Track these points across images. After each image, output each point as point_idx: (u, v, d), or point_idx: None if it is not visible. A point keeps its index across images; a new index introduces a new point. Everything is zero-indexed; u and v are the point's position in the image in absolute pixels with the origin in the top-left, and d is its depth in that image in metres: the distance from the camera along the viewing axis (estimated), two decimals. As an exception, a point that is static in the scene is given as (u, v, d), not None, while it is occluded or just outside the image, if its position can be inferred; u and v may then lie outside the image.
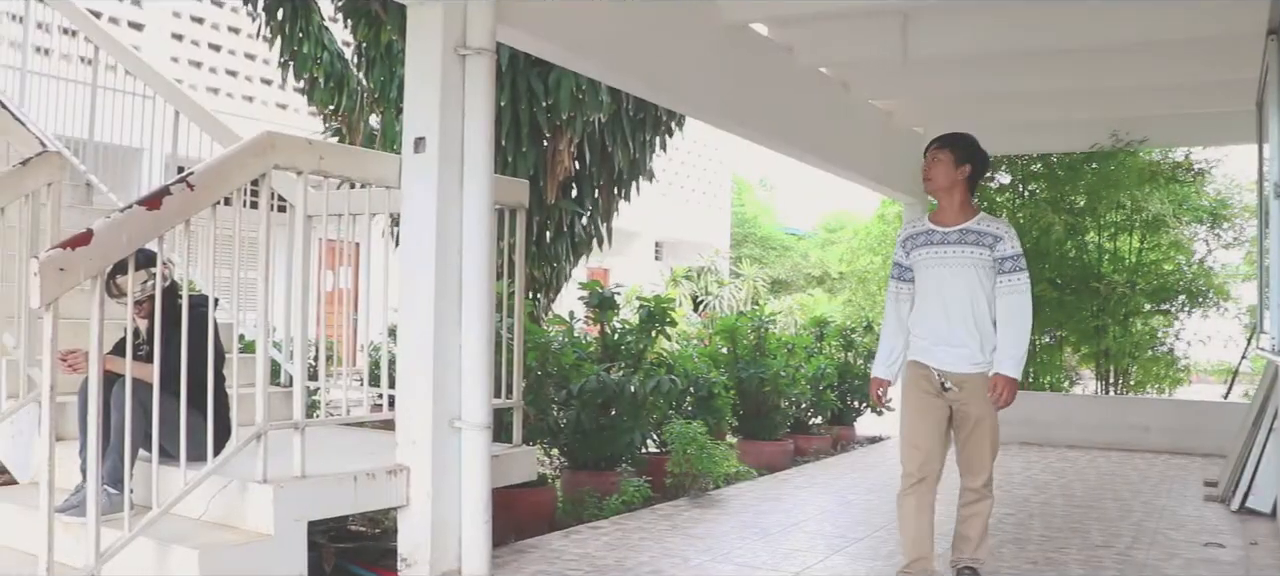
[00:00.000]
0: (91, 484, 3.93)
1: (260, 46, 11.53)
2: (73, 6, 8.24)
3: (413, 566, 4.91)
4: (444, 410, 4.90)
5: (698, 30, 6.92)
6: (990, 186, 12.44)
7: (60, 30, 8.37)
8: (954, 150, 4.86)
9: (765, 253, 32.07)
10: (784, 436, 9.63)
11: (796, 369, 9.78)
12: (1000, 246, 4.71)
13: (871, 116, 10.02)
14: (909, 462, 4.84)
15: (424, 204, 4.88)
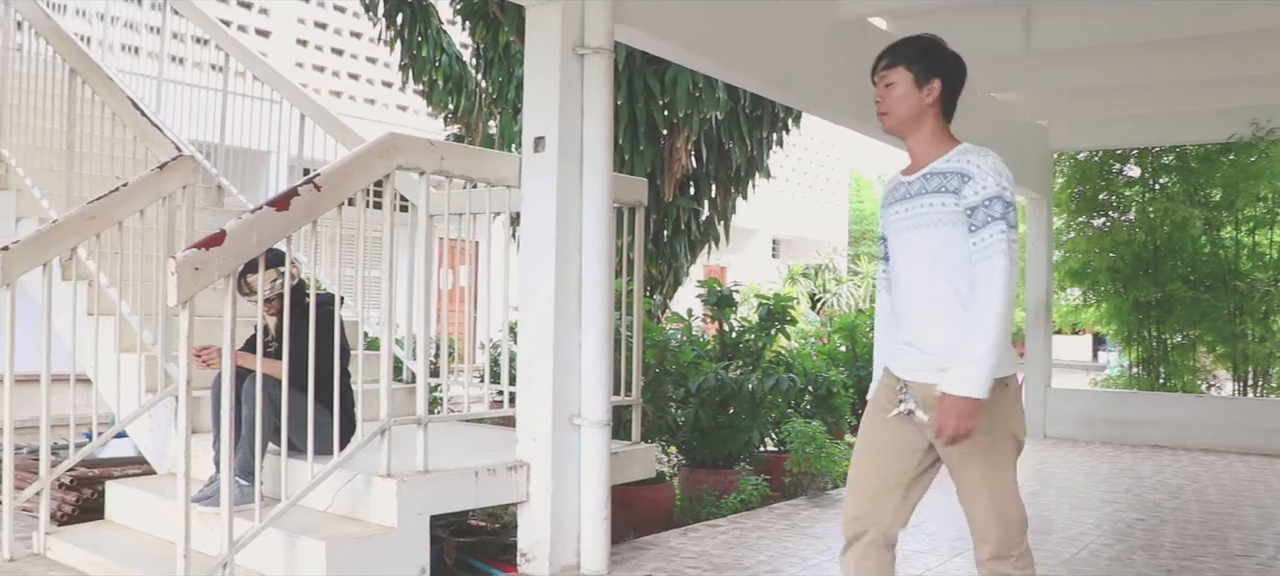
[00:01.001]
0: (224, 476, 4.04)
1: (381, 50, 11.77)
2: (205, 16, 8.53)
3: (532, 561, 4.96)
4: (564, 407, 4.94)
5: (815, 25, 6.85)
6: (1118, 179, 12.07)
7: (193, 39, 8.67)
8: (912, 65, 3.35)
9: (883, 250, 31.61)
10: (904, 436, 9.45)
11: (916, 367, 9.60)
12: (968, 188, 3.11)
13: (992, 110, 9.80)
14: (844, 511, 3.44)
15: (544, 203, 4.92)
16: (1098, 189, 12.05)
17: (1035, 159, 10.98)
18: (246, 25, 13.99)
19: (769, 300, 7.82)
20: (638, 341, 5.93)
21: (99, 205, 5.27)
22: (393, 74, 11.53)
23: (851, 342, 9.58)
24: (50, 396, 4.97)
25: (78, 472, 5.81)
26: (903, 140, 3.39)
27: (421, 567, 4.53)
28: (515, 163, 5.15)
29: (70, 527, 5.38)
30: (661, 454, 7.07)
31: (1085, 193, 12.08)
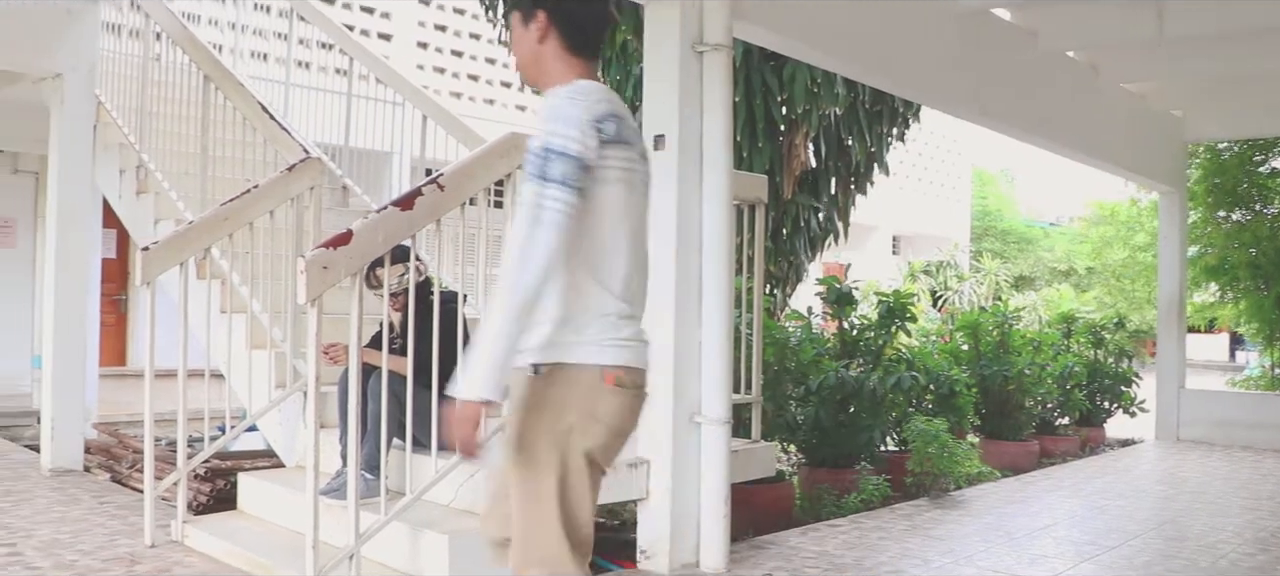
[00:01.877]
0: (351, 469, 4.13)
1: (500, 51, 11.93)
2: (330, 22, 8.74)
3: (652, 559, 4.97)
4: (684, 405, 4.93)
5: (936, 18, 6.73)
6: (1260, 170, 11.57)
7: (318, 45, 8.89)
8: (519, 5, 2.78)
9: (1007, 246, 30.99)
10: (1029, 437, 9.25)
11: (1042, 367, 9.37)
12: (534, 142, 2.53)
13: (1123, 100, 9.51)
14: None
15: (664, 200, 4.92)
16: (1237, 181, 11.58)
17: (1169, 151, 10.60)
18: (369, 29, 14.29)
19: (889, 297, 7.71)
20: (758, 339, 5.90)
21: (231, 207, 5.43)
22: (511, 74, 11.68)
23: (975, 341, 9.38)
24: (186, 391, 5.15)
25: (212, 464, 6.01)
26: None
27: (541, 561, 4.56)
28: (635, 161, 5.15)
29: (205, 517, 5.57)
30: (781, 452, 7.02)
31: (1223, 185, 11.61)
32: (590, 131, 2.49)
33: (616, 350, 2.57)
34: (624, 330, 2.60)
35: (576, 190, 2.45)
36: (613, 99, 2.62)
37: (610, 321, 2.57)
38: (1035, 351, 9.54)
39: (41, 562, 4.85)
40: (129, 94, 7.53)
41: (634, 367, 2.62)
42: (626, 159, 2.60)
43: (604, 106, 2.56)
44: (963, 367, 8.81)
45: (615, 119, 2.57)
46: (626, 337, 2.60)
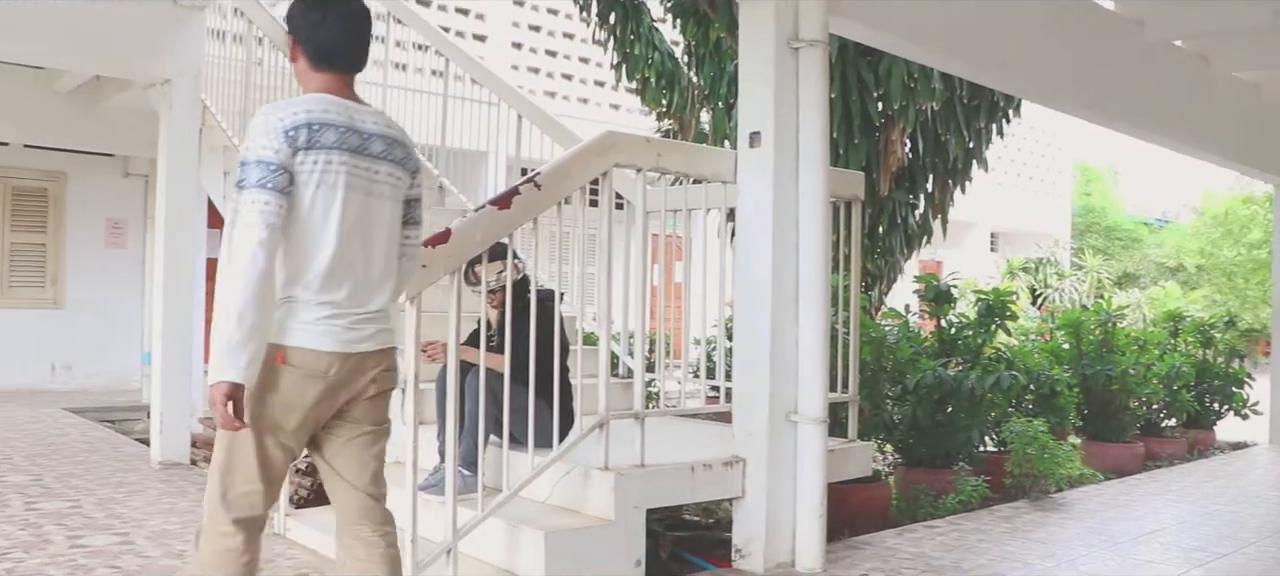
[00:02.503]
0: (449, 466, 4.17)
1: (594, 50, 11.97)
2: (426, 24, 8.85)
3: (746, 558, 4.95)
4: (780, 403, 4.90)
5: (1036, 9, 6.59)
6: None
7: (414, 46, 9.01)
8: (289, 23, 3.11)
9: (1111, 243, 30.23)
10: (1133, 438, 9.02)
11: (1148, 367, 9.13)
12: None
13: (1235, 90, 9.21)
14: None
15: (760, 198, 4.90)
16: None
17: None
18: (464, 31, 14.44)
19: (988, 295, 7.58)
20: (854, 337, 5.84)
21: (333, 206, 5.52)
22: (605, 73, 11.72)
23: (1076, 339, 9.18)
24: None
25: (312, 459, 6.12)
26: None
27: (637, 560, 4.57)
28: (731, 158, 5.14)
29: (306, 510, 5.67)
30: (877, 452, 6.94)
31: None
32: (280, 138, 2.82)
33: (293, 332, 2.91)
34: (306, 315, 2.92)
35: (273, 189, 2.79)
36: (314, 109, 2.91)
37: (296, 306, 2.92)
38: (1140, 350, 9.30)
39: (152, 551, 5.00)
40: (233, 97, 7.72)
41: (308, 349, 2.92)
42: (327, 162, 2.89)
43: (300, 116, 2.87)
44: (1064, 367, 8.63)
45: (309, 128, 2.86)
46: (307, 322, 2.92)
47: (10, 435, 8.57)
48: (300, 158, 2.86)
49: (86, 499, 6.14)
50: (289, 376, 2.92)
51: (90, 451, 7.89)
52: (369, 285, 3.05)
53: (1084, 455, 8.09)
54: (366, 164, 3.00)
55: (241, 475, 2.93)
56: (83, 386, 12.51)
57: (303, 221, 2.89)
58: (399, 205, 3.15)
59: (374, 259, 3.06)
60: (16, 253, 12.48)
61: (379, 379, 3.12)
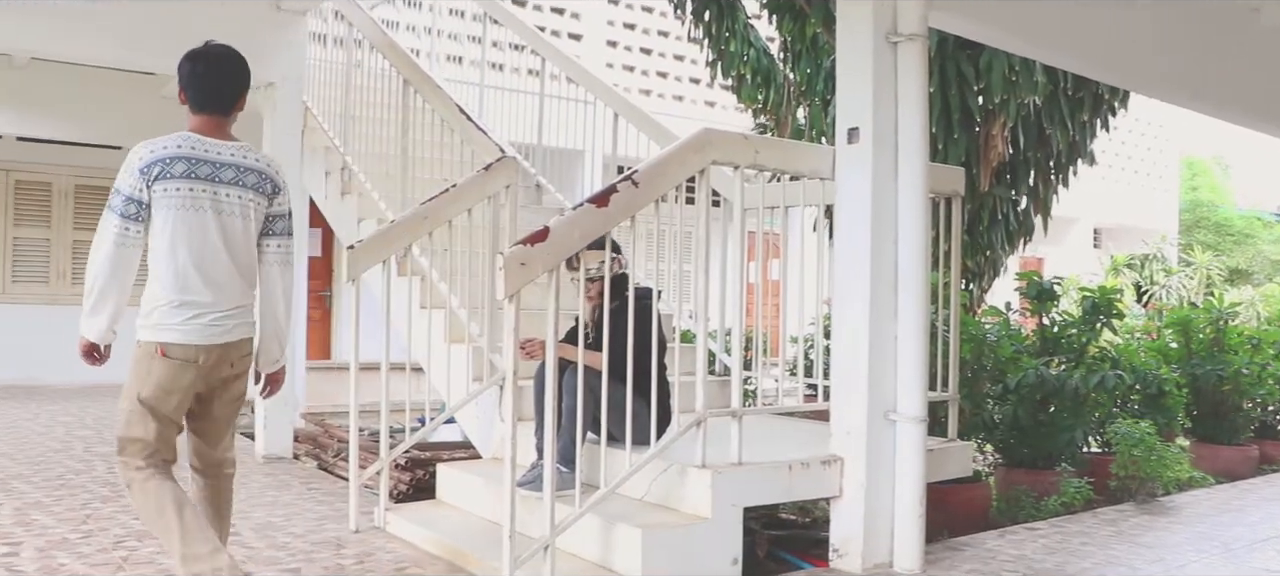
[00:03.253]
0: (547, 463, 4.19)
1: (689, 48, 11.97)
2: (522, 24, 8.93)
3: (844, 557, 4.89)
4: (879, 402, 4.84)
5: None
6: None
7: (510, 46, 9.09)
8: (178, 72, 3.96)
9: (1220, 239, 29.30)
10: (1246, 441, 8.74)
11: (1263, 367, 8.83)
12: None
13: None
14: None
15: (858, 194, 4.84)
16: None
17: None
18: (559, 30, 14.54)
19: (1093, 293, 7.40)
20: (954, 336, 5.74)
21: (431, 206, 5.60)
22: (701, 70, 11.70)
23: (1185, 338, 8.92)
24: (389, 384, 5.33)
25: (412, 454, 6.21)
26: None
27: (734, 558, 4.55)
28: (829, 155, 5.08)
29: (405, 505, 5.76)
30: (977, 452, 6.82)
31: None
32: (136, 175, 3.64)
33: (167, 331, 3.69)
34: (175, 316, 3.70)
35: (122, 215, 3.62)
36: (170, 147, 3.70)
37: (163, 310, 3.70)
38: (1254, 350, 9.00)
39: (257, 542, 5.11)
40: (334, 99, 7.87)
41: (179, 343, 3.70)
42: (177, 189, 3.66)
43: (155, 155, 3.67)
44: (1172, 367, 8.39)
45: (162, 163, 3.66)
46: (176, 322, 3.70)
47: (122, 429, 8.83)
48: (155, 187, 3.65)
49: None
50: (168, 366, 3.70)
51: (198, 445, 8.10)
52: (226, 287, 3.78)
53: (1193, 458, 7.86)
54: (215, 188, 3.75)
55: (134, 432, 3.74)
56: (191, 382, 12.83)
57: (157, 238, 3.69)
58: (253, 222, 3.85)
59: (229, 265, 3.78)
60: (128, 252, 12.85)
61: (237, 363, 3.88)
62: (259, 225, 3.89)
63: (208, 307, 3.73)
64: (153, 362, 3.70)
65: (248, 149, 3.90)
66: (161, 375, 3.70)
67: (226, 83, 3.88)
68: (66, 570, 4.58)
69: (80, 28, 7.04)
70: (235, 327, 3.81)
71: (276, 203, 3.94)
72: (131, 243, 3.64)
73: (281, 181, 3.96)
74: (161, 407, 3.72)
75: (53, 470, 6.86)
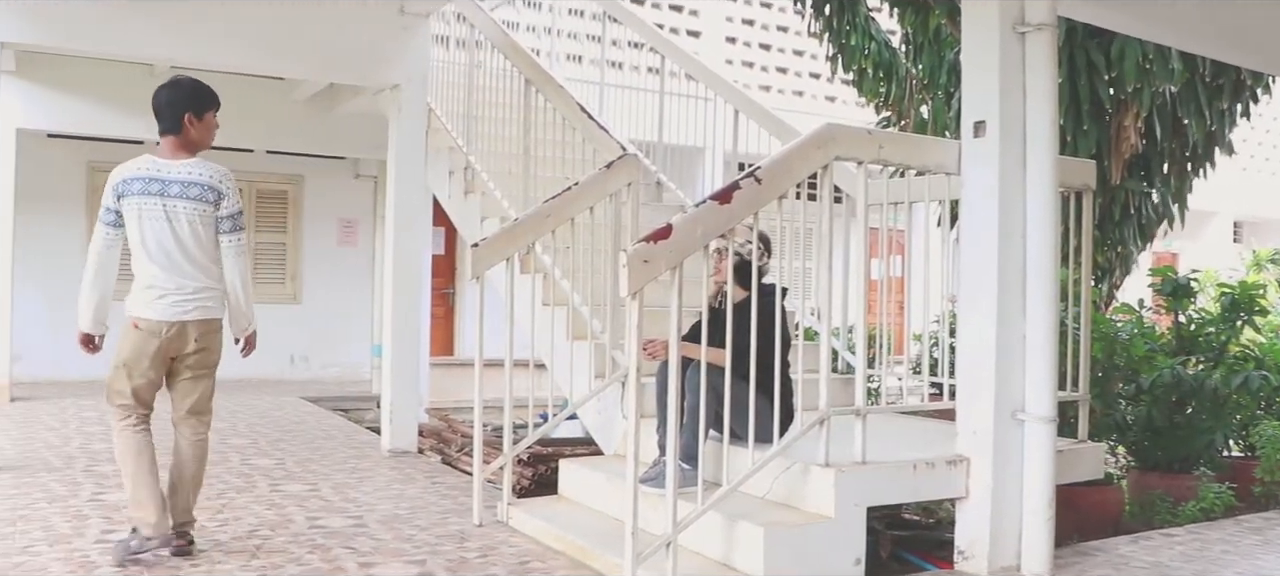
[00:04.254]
0: (670, 460, 4.19)
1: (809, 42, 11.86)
2: (641, 22, 8.95)
3: (970, 560, 4.79)
4: (1006, 401, 4.73)
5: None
6: None
7: (629, 45, 9.13)
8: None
9: (1380, 233, 27.94)
10: (1404, 445, 8.30)
11: None
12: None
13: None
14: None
15: (985, 189, 4.73)
16: None
17: None
18: (677, 27, 14.54)
19: (1233, 289, 7.12)
20: (1085, 333, 5.58)
21: (553, 204, 5.65)
22: (821, 65, 11.58)
23: (1334, 337, 8.52)
24: (512, 380, 5.40)
25: (534, 450, 6.28)
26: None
27: (857, 558, 4.50)
28: (954, 149, 4.98)
29: (527, 500, 5.82)
30: (1109, 454, 6.62)
31: None
32: (111, 192, 4.55)
33: (137, 307, 4.57)
34: (145, 296, 4.56)
35: (105, 223, 4.56)
36: (130, 170, 4.57)
37: (136, 292, 4.57)
38: None
39: (383, 535, 5.22)
40: (456, 100, 8.00)
41: (145, 317, 4.55)
42: (134, 207, 4.52)
43: (120, 177, 4.56)
44: (1321, 366, 8.02)
45: (124, 182, 4.54)
46: (145, 300, 4.55)
47: (256, 421, 9.14)
48: (123, 202, 4.54)
49: (323, 483, 6.48)
50: (138, 335, 4.57)
51: (325, 438, 8.33)
52: (183, 276, 4.58)
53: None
54: (164, 200, 4.54)
55: (117, 387, 4.63)
56: (317, 376, 13.23)
57: (132, 237, 4.56)
58: (202, 224, 4.60)
59: (181, 260, 4.57)
60: (260, 251, 13.29)
61: (200, 338, 4.65)
62: (212, 226, 4.66)
63: (170, 292, 4.56)
64: (129, 332, 4.59)
65: (197, 165, 4.65)
66: (134, 341, 4.57)
67: (164, 110, 4.65)
68: (205, 556, 4.75)
69: (215, 36, 7.29)
70: (194, 310, 4.61)
71: (222, 206, 4.66)
72: (111, 244, 4.59)
73: (225, 189, 4.66)
74: (135, 367, 4.57)
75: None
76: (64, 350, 5.14)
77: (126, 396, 4.62)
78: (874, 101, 9.73)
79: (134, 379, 4.60)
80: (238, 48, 7.48)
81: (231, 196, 4.70)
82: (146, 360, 4.59)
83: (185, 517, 4.77)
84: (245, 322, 4.86)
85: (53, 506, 5.66)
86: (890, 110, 9.53)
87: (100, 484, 6.22)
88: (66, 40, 7.15)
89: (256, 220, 13.26)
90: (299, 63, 8.00)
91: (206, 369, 4.77)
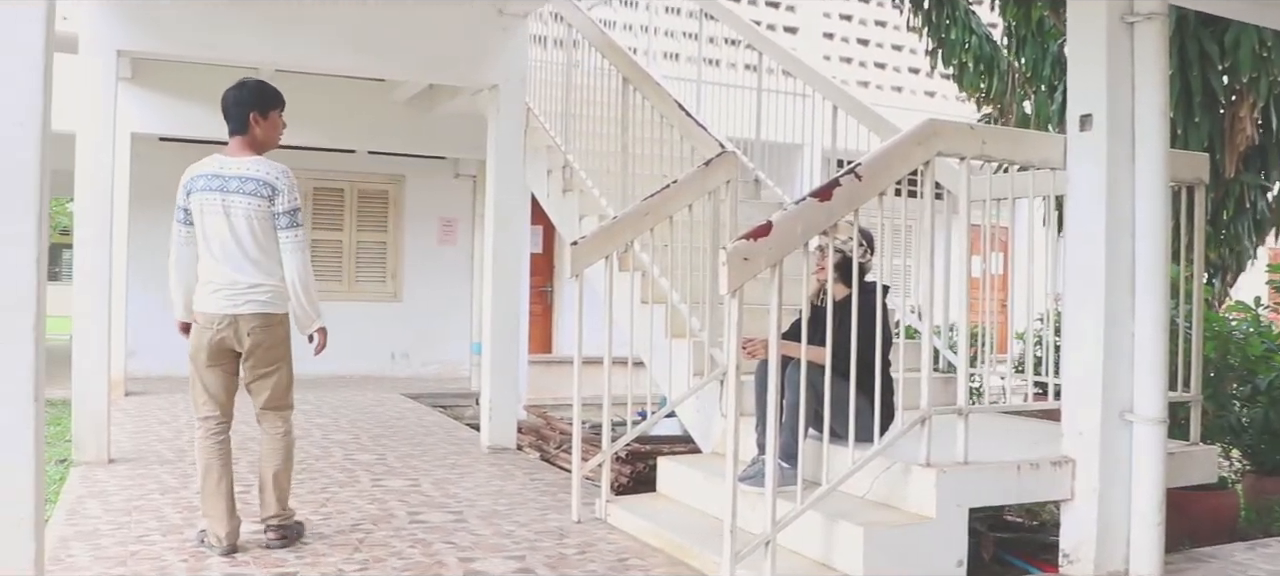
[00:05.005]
0: (769, 458, 4.17)
1: (907, 37, 11.71)
2: (738, 19, 8.92)
3: (1075, 564, 4.69)
4: (1114, 402, 4.61)
5: None
6: None
7: (726, 42, 9.11)
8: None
9: None
10: None
11: None
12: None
13: None
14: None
15: (1092, 184, 4.62)
16: None
17: None
18: (775, 23, 14.46)
19: (1357, 286, 6.86)
20: (1197, 332, 5.42)
21: (652, 202, 5.66)
22: (920, 60, 11.43)
23: None
24: (610, 377, 5.42)
25: (633, 448, 6.30)
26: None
27: (959, 560, 4.43)
28: (1059, 143, 4.87)
29: (626, 497, 5.84)
30: (1222, 457, 6.41)
31: None
32: (182, 192, 4.75)
33: (197, 300, 4.78)
34: (203, 290, 4.75)
35: (178, 222, 4.76)
36: (197, 170, 4.76)
37: (199, 286, 4.76)
38: None
39: (483, 530, 5.28)
40: (554, 99, 8.06)
41: (202, 310, 4.74)
42: (198, 203, 4.69)
43: (188, 177, 4.76)
44: None
45: (191, 180, 4.74)
46: (202, 294, 4.74)
47: (358, 417, 9.31)
48: (191, 199, 4.72)
49: (424, 479, 6.57)
50: (196, 329, 4.79)
51: (426, 434, 8.46)
52: (238, 271, 4.69)
53: None
54: (224, 197, 4.67)
55: (195, 396, 4.83)
56: (418, 373, 13.45)
57: (197, 233, 4.72)
58: (259, 220, 4.69)
59: (239, 255, 4.69)
60: (362, 250, 13.56)
61: (252, 333, 4.72)
62: (270, 222, 4.73)
63: (223, 287, 4.69)
64: (193, 325, 4.81)
65: (255, 162, 4.76)
66: (193, 334, 4.79)
67: (232, 110, 4.80)
68: (309, 548, 4.86)
69: (316, 39, 7.46)
70: (245, 304, 4.70)
71: (277, 202, 4.73)
72: (184, 241, 4.78)
73: (280, 185, 4.72)
74: (196, 360, 4.79)
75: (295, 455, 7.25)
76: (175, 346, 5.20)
77: (200, 396, 4.79)
78: (975, 96, 9.57)
79: (200, 373, 4.78)
80: (339, 51, 7.63)
81: (287, 193, 4.75)
82: (204, 354, 4.74)
83: (272, 512, 4.88)
84: (308, 320, 4.88)
85: (165, 497, 5.84)
86: (991, 105, 9.36)
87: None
88: (177, 47, 7.36)
89: (358, 220, 13.54)
90: (399, 64, 8.13)
91: (269, 365, 4.83)
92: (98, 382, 6.81)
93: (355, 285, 13.54)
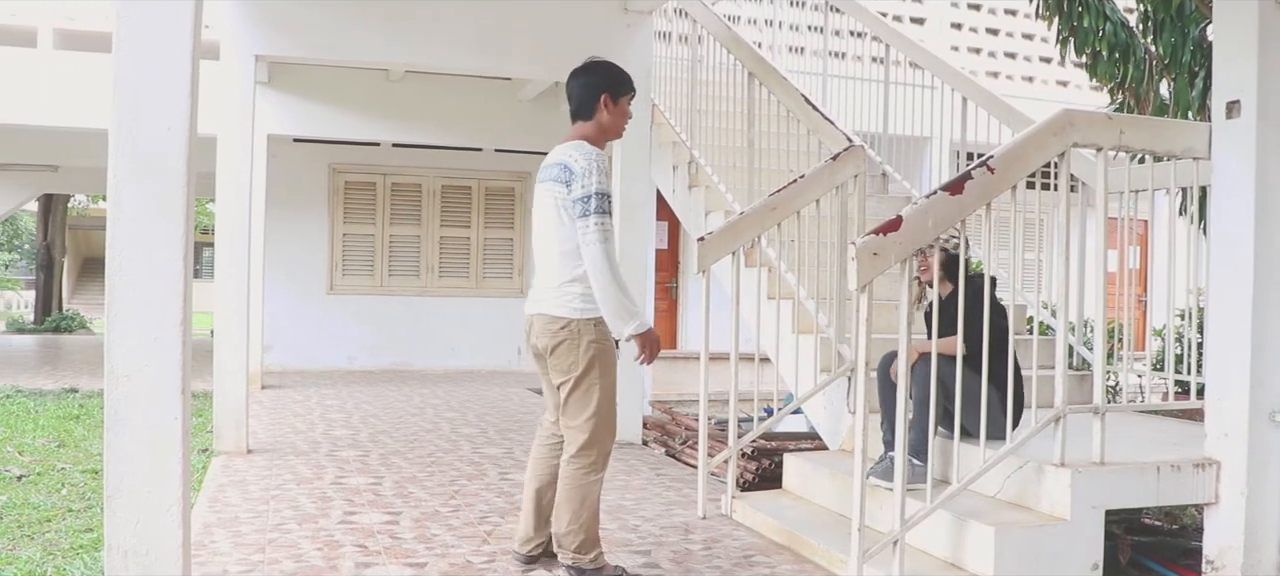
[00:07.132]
0: (898, 455, 4.11)
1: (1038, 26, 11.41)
2: (864, 11, 8.82)
3: (1220, 570, 4.53)
4: (1262, 402, 4.43)
5: None
6: None
7: (851, 34, 9.01)
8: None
9: None
10: None
11: None
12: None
13: None
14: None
15: (1239, 175, 4.45)
16: None
17: None
18: (901, 15, 14.24)
19: None
20: (1352, 329, 5.17)
21: (779, 197, 5.64)
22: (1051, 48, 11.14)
23: None
24: (737, 373, 5.41)
25: (758, 444, 6.28)
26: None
27: (1094, 563, 4.31)
28: (1203, 132, 4.70)
29: (751, 493, 5.83)
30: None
31: None
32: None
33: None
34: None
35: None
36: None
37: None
38: None
39: (609, 525, 5.32)
40: (679, 95, 8.08)
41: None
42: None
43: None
44: None
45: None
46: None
47: (485, 411, 9.48)
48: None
49: (552, 473, 6.65)
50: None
51: (553, 429, 8.54)
52: (544, 267, 4.29)
53: None
54: (542, 185, 4.27)
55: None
56: (544, 369, 13.58)
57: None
58: (558, 209, 4.16)
59: (543, 249, 4.28)
60: (489, 247, 13.77)
61: (539, 336, 4.27)
62: (566, 210, 4.15)
63: (535, 284, 4.37)
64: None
65: (567, 146, 4.25)
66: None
67: (577, 92, 4.37)
68: (438, 540, 4.95)
69: (443, 39, 7.60)
70: (537, 301, 4.31)
71: (572, 190, 4.12)
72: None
73: (577, 168, 4.11)
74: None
75: (424, 448, 7.43)
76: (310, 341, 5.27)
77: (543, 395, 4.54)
78: (1109, 85, 9.27)
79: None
80: (464, 50, 7.76)
81: (583, 177, 4.08)
82: (533, 355, 4.42)
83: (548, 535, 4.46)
84: (615, 325, 4.16)
85: (300, 487, 6.02)
86: (1126, 93, 9.06)
87: (342, 468, 6.59)
88: (310, 50, 7.59)
89: (485, 217, 13.76)
90: (524, 63, 8.23)
91: (562, 374, 4.22)
92: (237, 376, 7.06)
93: (483, 281, 13.77)
